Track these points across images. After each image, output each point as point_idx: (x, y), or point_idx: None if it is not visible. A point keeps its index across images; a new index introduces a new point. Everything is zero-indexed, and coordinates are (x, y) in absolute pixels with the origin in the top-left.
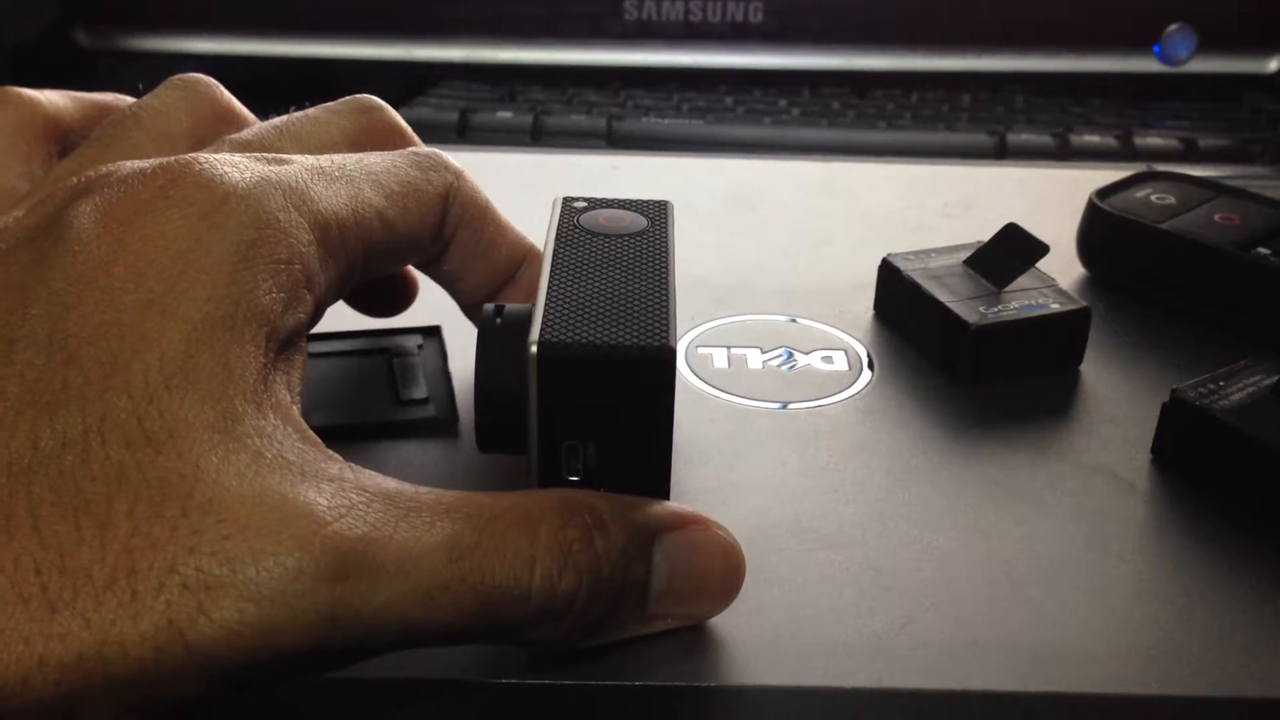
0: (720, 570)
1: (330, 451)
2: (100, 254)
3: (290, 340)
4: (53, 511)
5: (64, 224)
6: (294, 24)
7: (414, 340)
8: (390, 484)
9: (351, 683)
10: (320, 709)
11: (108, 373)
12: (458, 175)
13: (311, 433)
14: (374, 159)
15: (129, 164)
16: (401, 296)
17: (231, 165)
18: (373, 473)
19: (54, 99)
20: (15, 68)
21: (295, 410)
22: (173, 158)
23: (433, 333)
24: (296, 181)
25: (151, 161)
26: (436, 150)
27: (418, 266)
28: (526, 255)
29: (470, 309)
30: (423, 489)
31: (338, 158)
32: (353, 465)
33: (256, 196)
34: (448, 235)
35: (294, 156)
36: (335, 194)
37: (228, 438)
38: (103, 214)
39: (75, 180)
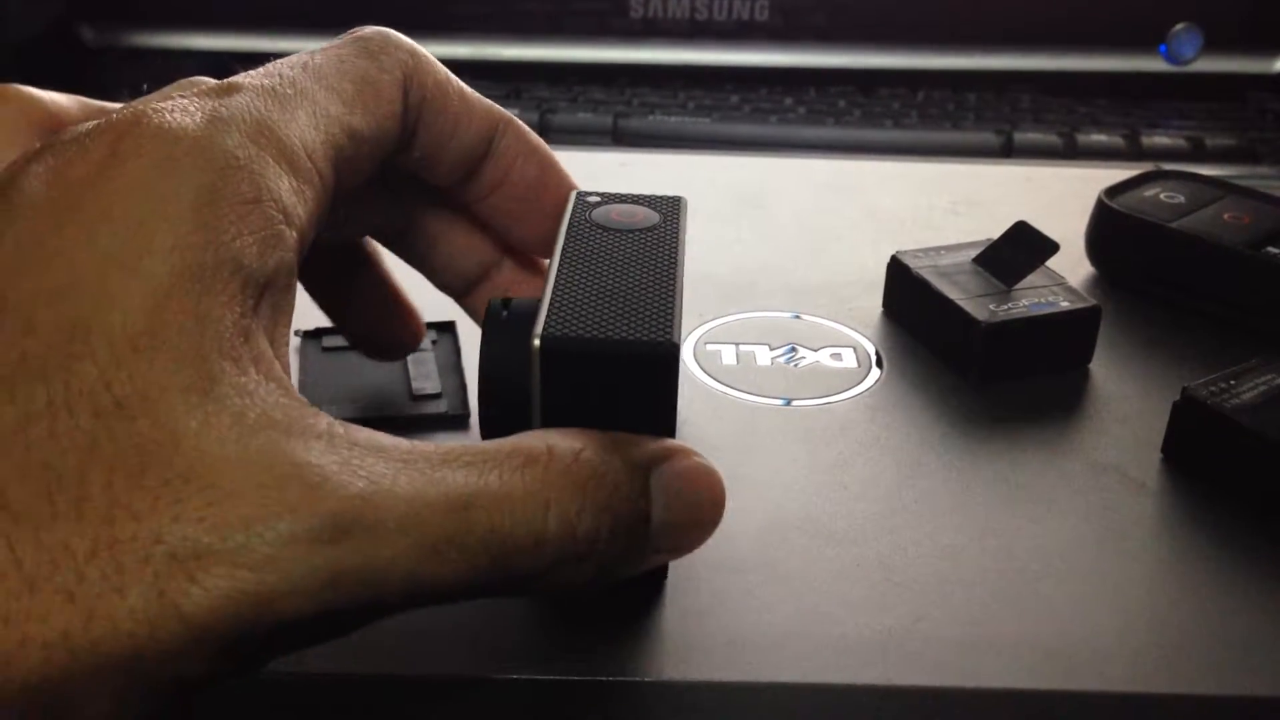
0: (708, 498)
1: (317, 409)
2: (52, 216)
3: (272, 283)
4: (21, 489)
5: (15, 188)
6: (299, 21)
7: (428, 335)
8: (384, 438)
9: (352, 679)
10: (314, 704)
11: (68, 338)
12: (412, 54)
13: (295, 390)
14: (320, 59)
15: (82, 126)
16: (408, 336)
17: (181, 110)
18: (363, 427)
19: (56, 98)
20: (21, 64)
21: (278, 365)
22: (120, 112)
23: (447, 328)
24: (250, 113)
25: (101, 120)
26: (382, 29)
27: (382, 240)
28: (499, 125)
29: (447, 191)
30: (419, 442)
31: (285, 70)
32: (342, 421)
33: (210, 136)
34: (411, 121)
35: (242, 82)
36: (293, 117)
37: (206, 399)
38: (54, 175)
39: (34, 147)
